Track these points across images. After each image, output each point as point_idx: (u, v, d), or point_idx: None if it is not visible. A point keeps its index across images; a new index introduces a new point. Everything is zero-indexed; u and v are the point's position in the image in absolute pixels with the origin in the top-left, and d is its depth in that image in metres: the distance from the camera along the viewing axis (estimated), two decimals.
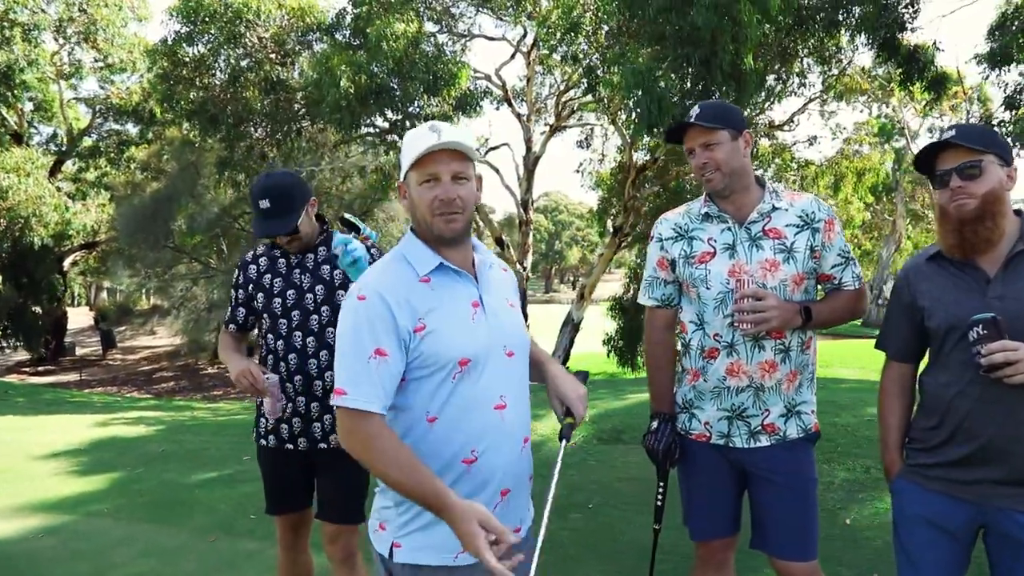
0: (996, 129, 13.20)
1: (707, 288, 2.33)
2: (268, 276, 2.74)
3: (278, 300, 2.68)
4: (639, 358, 19.91)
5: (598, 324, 18.66)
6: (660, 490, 2.53)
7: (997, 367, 1.83)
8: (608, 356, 19.76)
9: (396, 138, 14.93)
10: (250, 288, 2.76)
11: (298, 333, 2.65)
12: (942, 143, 1.97)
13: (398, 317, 1.68)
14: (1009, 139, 12.03)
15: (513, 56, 19.06)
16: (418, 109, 13.44)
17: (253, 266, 2.78)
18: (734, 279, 2.28)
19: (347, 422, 1.68)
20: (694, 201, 2.48)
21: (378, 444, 1.65)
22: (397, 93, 13.07)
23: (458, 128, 1.79)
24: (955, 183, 1.94)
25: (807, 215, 2.32)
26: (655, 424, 2.49)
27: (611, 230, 16.96)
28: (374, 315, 1.68)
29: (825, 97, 17.66)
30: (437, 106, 13.36)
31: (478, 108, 14.25)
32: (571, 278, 77.70)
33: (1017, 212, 2.01)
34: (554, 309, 30.93)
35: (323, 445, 2.69)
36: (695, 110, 2.33)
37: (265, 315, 2.71)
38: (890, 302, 2.25)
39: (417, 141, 1.72)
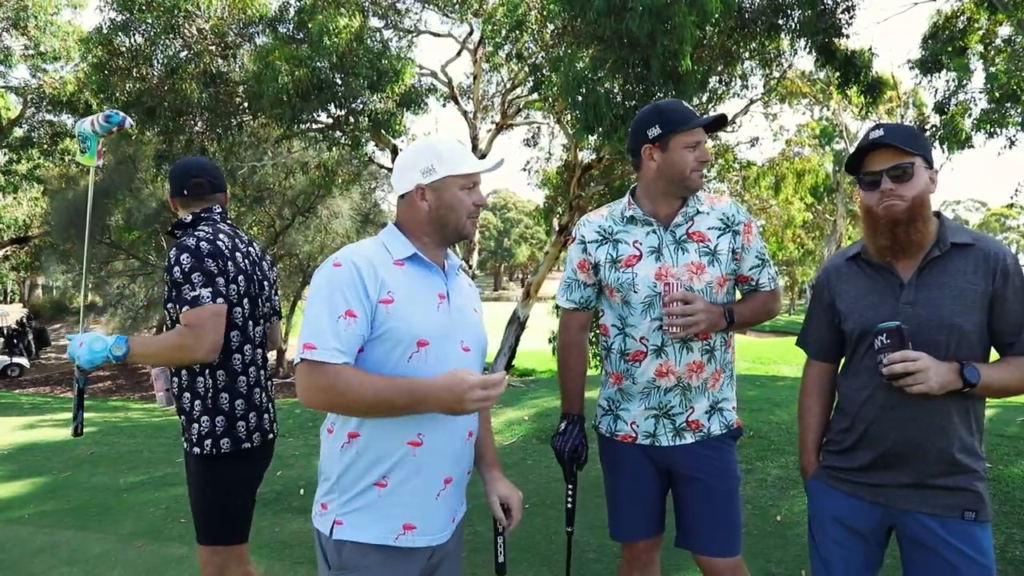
0: (923, 131, 13.67)
1: (635, 292, 2.34)
2: None
3: None
4: None
5: (544, 322, 18.71)
6: (570, 492, 2.53)
7: (898, 376, 1.85)
8: (553, 354, 19.82)
9: (339, 134, 14.70)
10: None
11: None
12: (874, 144, 1.93)
13: (368, 286, 1.79)
14: (937, 142, 12.48)
15: (459, 53, 18.98)
16: (361, 105, 13.26)
17: None
18: (661, 282, 2.30)
19: (312, 375, 1.74)
20: (616, 203, 2.49)
21: (341, 383, 1.72)
22: (340, 88, 12.88)
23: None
24: (886, 185, 1.91)
25: (727, 218, 2.36)
26: (563, 425, 2.50)
27: (557, 229, 17.01)
28: (346, 281, 1.79)
29: (768, 99, 17.99)
30: (381, 102, 13.19)
31: (423, 105, 14.11)
32: (520, 276, 77.80)
33: (936, 214, 1.99)
34: (503, 306, 30.92)
35: (185, 447, 2.64)
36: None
37: None
38: (811, 301, 2.25)
39: (467, 156, 1.94)
